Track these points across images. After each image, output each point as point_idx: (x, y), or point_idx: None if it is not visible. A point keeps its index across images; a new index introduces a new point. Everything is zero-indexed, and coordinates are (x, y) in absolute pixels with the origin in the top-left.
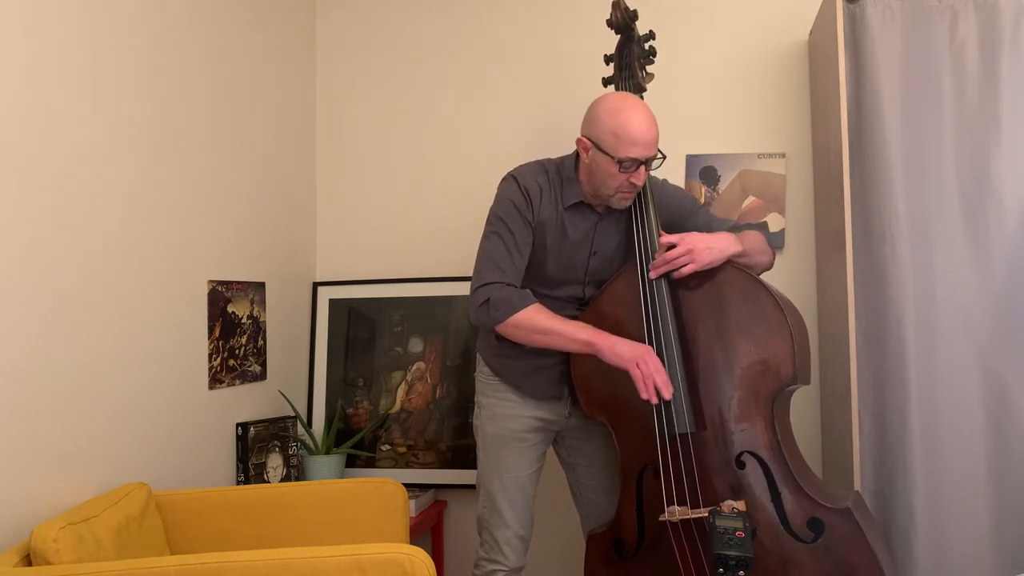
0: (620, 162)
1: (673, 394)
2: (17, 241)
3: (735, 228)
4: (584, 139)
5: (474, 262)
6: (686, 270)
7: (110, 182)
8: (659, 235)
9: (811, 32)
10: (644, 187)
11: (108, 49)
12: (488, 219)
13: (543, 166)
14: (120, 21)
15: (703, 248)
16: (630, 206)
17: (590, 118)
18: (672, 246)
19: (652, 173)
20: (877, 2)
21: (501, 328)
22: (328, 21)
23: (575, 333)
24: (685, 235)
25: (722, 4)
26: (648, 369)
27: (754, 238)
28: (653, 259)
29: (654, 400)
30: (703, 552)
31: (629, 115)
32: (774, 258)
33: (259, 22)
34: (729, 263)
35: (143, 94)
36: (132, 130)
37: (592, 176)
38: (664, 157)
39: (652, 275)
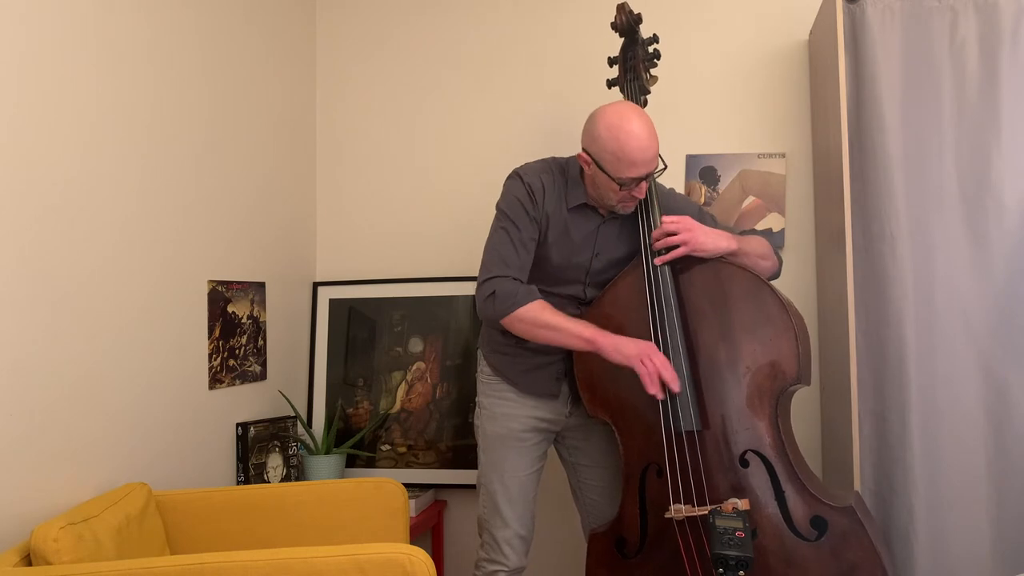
0: (621, 183)
1: (680, 391)
2: (18, 241)
3: (741, 235)
4: (584, 155)
5: (476, 261)
6: (678, 252)
7: (110, 182)
8: None
9: (811, 32)
10: (651, 193)
11: (108, 50)
12: (495, 215)
13: (548, 165)
14: (121, 21)
15: (699, 232)
16: (638, 211)
17: (589, 133)
18: (672, 233)
19: (658, 180)
20: (877, 2)
21: (506, 322)
22: (328, 21)
23: (578, 330)
24: (685, 216)
25: (722, 5)
26: (653, 365)
27: (755, 242)
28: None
29: (660, 396)
30: (707, 550)
31: (628, 134)
32: (778, 267)
33: (259, 22)
34: (731, 262)
35: (143, 94)
36: (132, 131)
37: (595, 187)
38: (665, 167)
39: (651, 235)
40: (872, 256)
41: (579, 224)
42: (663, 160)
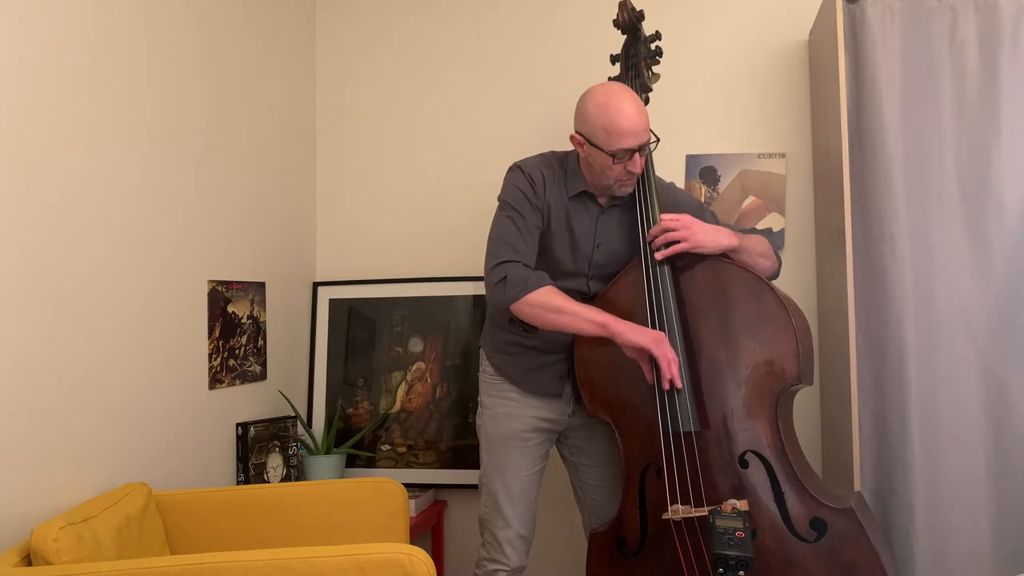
0: (613, 155)
1: (679, 391)
2: (18, 241)
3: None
4: (577, 135)
5: (476, 261)
6: (678, 247)
7: (111, 182)
8: None
9: (811, 32)
10: (651, 187)
11: (108, 49)
12: (499, 206)
13: (547, 158)
14: (120, 21)
15: (698, 229)
16: (636, 205)
17: (579, 113)
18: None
19: (659, 175)
20: (877, 2)
21: (516, 307)
22: (328, 21)
23: (591, 315)
24: (684, 215)
25: (722, 4)
26: (670, 353)
27: (755, 240)
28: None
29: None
30: (706, 551)
31: (616, 108)
32: (777, 267)
33: (259, 22)
34: (731, 261)
35: (143, 94)
36: (132, 131)
37: (591, 169)
38: (658, 140)
39: (649, 236)
40: (872, 256)
41: (579, 214)
42: (655, 134)
